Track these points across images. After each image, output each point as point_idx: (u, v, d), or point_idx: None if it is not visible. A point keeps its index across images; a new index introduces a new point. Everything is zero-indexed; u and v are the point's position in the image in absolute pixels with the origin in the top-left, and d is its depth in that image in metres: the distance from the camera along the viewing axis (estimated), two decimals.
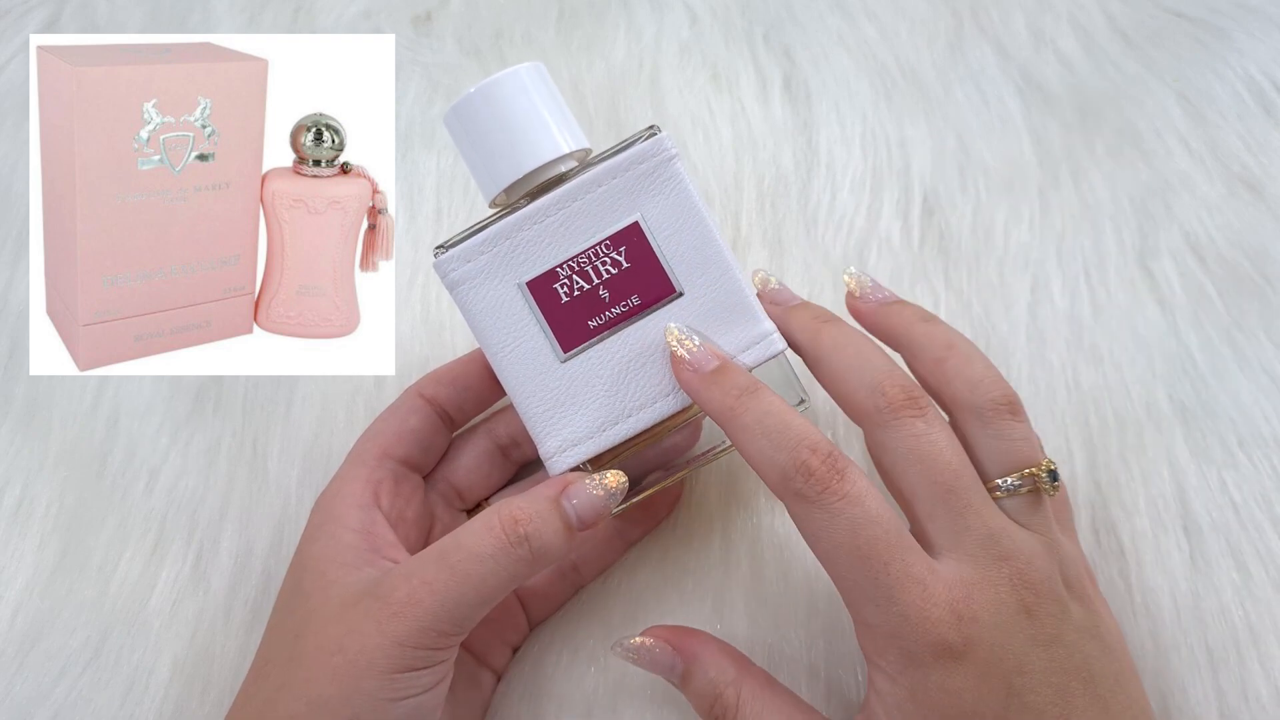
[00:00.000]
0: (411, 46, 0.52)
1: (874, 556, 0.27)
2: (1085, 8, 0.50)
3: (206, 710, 0.37)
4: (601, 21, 0.52)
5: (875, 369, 0.30)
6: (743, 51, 0.50)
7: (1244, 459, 0.38)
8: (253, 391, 0.43)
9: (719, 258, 0.31)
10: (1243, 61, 0.47)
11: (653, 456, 0.36)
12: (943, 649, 0.26)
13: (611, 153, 0.31)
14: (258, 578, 0.39)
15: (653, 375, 0.31)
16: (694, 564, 0.38)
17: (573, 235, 0.31)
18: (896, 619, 0.27)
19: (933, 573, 0.27)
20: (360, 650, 0.28)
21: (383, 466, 0.35)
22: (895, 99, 0.48)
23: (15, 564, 0.40)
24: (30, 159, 0.49)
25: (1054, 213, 0.44)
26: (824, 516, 0.27)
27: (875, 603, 0.27)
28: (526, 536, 0.29)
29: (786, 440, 0.28)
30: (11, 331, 0.45)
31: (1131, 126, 0.46)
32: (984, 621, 0.27)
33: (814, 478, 0.27)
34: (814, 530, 0.28)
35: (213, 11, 0.54)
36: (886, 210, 0.45)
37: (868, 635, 0.28)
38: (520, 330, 0.31)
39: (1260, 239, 0.42)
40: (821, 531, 0.28)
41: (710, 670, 0.32)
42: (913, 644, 0.27)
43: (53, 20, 0.54)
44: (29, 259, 0.47)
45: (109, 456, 0.42)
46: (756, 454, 0.29)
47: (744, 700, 0.31)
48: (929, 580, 0.27)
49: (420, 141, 0.49)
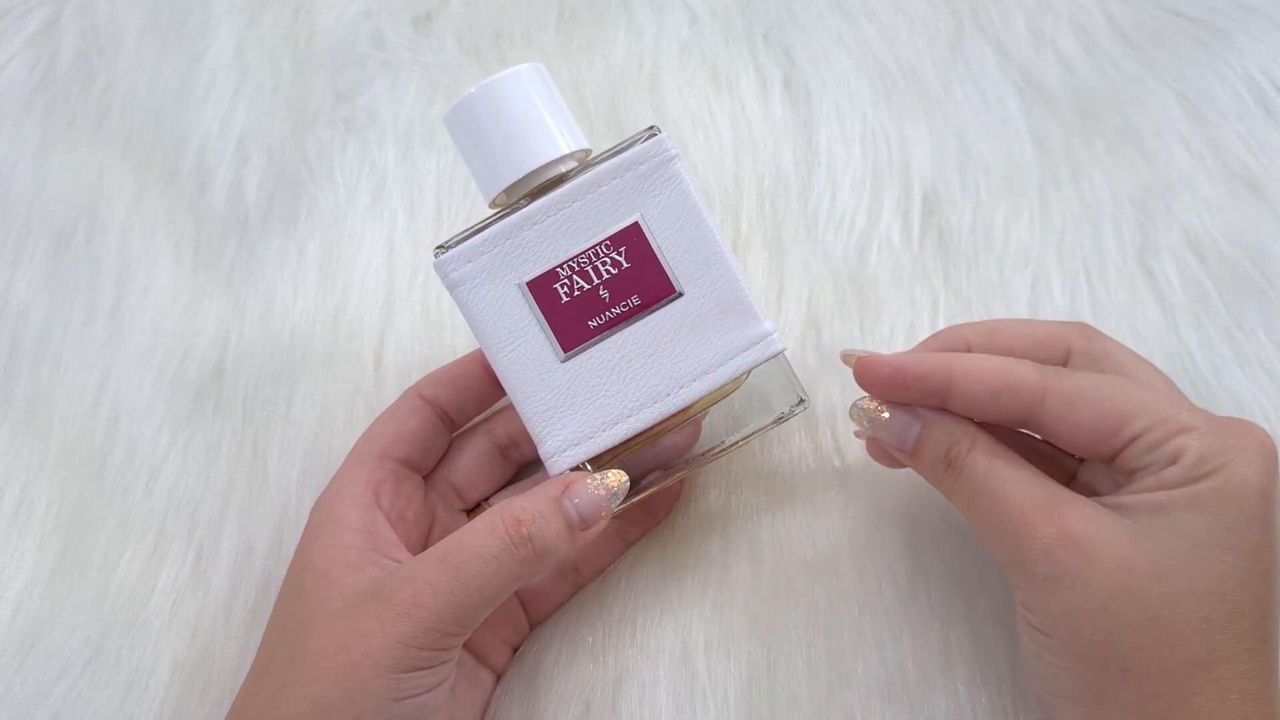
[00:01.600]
0: (411, 46, 0.52)
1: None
2: (1085, 8, 0.50)
3: (206, 710, 0.37)
4: (601, 21, 0.52)
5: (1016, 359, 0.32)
6: (743, 51, 0.50)
7: None
8: (253, 391, 0.43)
9: (719, 258, 0.31)
10: (1243, 61, 0.47)
11: (652, 456, 0.36)
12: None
13: (612, 153, 0.31)
14: (258, 578, 0.39)
15: (653, 375, 0.31)
16: (694, 563, 0.38)
17: (573, 235, 0.31)
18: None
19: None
20: (364, 651, 0.28)
21: (383, 467, 0.35)
22: (895, 99, 0.48)
23: (15, 564, 0.40)
24: (31, 159, 0.49)
25: (1054, 212, 0.44)
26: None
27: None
28: (529, 537, 0.29)
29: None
30: (11, 331, 0.45)
31: (1131, 126, 0.46)
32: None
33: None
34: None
35: (213, 11, 0.54)
36: (886, 210, 0.45)
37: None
38: (520, 330, 0.31)
39: (1260, 238, 0.42)
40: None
41: (949, 423, 0.32)
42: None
43: (53, 20, 0.54)
44: (29, 258, 0.47)
45: (109, 456, 0.42)
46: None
47: (979, 445, 0.31)
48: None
49: (420, 141, 0.49)
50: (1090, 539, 0.28)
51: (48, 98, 0.52)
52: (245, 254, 0.47)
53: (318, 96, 0.51)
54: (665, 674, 0.36)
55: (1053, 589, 0.28)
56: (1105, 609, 0.27)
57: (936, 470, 0.32)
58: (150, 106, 0.51)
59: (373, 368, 0.43)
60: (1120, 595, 0.27)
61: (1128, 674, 0.27)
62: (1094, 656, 0.28)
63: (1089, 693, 0.28)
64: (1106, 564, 0.27)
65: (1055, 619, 0.28)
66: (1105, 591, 0.27)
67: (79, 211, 0.48)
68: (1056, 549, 0.28)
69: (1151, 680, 0.27)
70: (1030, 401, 0.30)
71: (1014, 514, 0.29)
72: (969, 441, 0.31)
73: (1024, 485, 0.30)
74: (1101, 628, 0.27)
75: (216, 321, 0.45)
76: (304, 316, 0.45)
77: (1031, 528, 0.28)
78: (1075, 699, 0.29)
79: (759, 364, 0.32)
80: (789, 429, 0.40)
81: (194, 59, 0.52)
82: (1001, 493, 0.30)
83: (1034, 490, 0.29)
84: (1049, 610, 0.28)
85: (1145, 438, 0.29)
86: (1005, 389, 0.31)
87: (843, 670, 0.35)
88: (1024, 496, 0.29)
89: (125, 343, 0.45)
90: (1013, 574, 0.30)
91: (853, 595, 0.36)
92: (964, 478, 0.31)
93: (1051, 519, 0.28)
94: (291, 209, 0.48)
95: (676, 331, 0.31)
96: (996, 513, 0.30)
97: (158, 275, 0.46)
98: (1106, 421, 0.29)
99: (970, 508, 0.31)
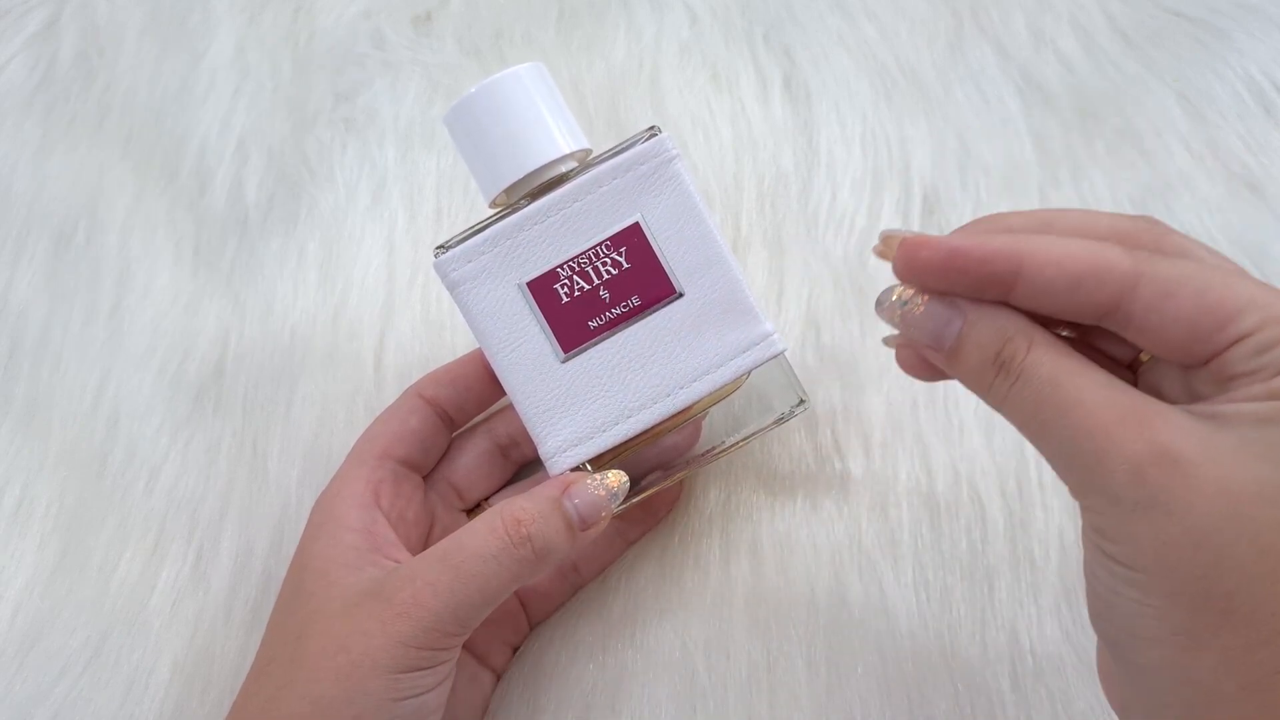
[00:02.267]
0: (411, 46, 0.52)
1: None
2: (1085, 8, 0.50)
3: (206, 710, 0.37)
4: (601, 21, 0.52)
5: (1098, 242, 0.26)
6: (743, 51, 0.50)
7: None
8: (253, 391, 0.43)
9: (720, 259, 0.31)
10: (1243, 61, 0.47)
11: (652, 456, 0.36)
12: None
13: (612, 153, 0.31)
14: (258, 578, 0.39)
15: (653, 375, 0.31)
16: (694, 563, 0.38)
17: (573, 235, 0.31)
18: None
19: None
20: (364, 650, 0.28)
21: (383, 467, 0.35)
22: (895, 99, 0.48)
23: (15, 564, 0.40)
24: (31, 159, 0.49)
25: None
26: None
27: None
28: (529, 537, 0.29)
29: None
30: (11, 331, 0.45)
31: (1131, 126, 0.46)
32: None
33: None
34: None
35: (213, 11, 0.54)
36: (887, 210, 0.45)
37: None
38: (520, 330, 0.31)
39: (1260, 238, 0.42)
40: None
41: (1000, 316, 0.26)
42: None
43: (53, 20, 0.54)
44: (29, 258, 0.47)
45: (109, 456, 0.42)
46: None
47: (1038, 343, 0.26)
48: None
49: (420, 141, 0.49)
50: (1189, 456, 0.23)
51: (48, 98, 0.52)
52: (245, 254, 0.47)
53: (318, 96, 0.51)
54: (665, 674, 0.36)
55: (1143, 515, 0.23)
56: (1208, 539, 0.23)
57: (985, 376, 0.26)
58: (150, 106, 0.51)
59: (373, 368, 0.43)
60: (1226, 522, 0.23)
61: (1231, 615, 0.23)
62: (1191, 594, 0.23)
63: (1182, 635, 0.24)
64: (1209, 486, 0.23)
65: (1145, 550, 0.23)
66: (1208, 518, 0.23)
67: (79, 211, 0.48)
68: (1149, 467, 0.23)
69: (1261, 624, 0.23)
70: (1119, 290, 0.25)
71: (1093, 425, 0.24)
72: (1026, 339, 0.26)
73: (1103, 390, 0.24)
74: (1202, 561, 0.23)
75: (216, 321, 0.45)
76: (304, 316, 0.45)
77: (1117, 442, 0.23)
78: (1162, 641, 0.24)
79: (759, 364, 0.32)
80: (789, 429, 0.40)
81: (194, 59, 0.52)
82: (1074, 400, 0.24)
83: (1116, 396, 0.24)
84: (1138, 540, 0.23)
85: (1255, 337, 0.24)
86: (1091, 274, 0.25)
87: (842, 670, 0.35)
88: (1105, 404, 0.24)
89: (125, 343, 0.45)
90: (1090, 497, 0.25)
91: (852, 595, 0.36)
92: (1024, 384, 0.25)
93: (1142, 431, 0.23)
94: (291, 209, 0.48)
95: (677, 332, 0.31)
96: (1069, 424, 0.24)
97: (158, 275, 0.46)
98: (1212, 315, 0.24)
99: (1033, 420, 0.26)
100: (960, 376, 0.27)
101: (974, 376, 0.27)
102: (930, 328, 0.27)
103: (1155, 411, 0.24)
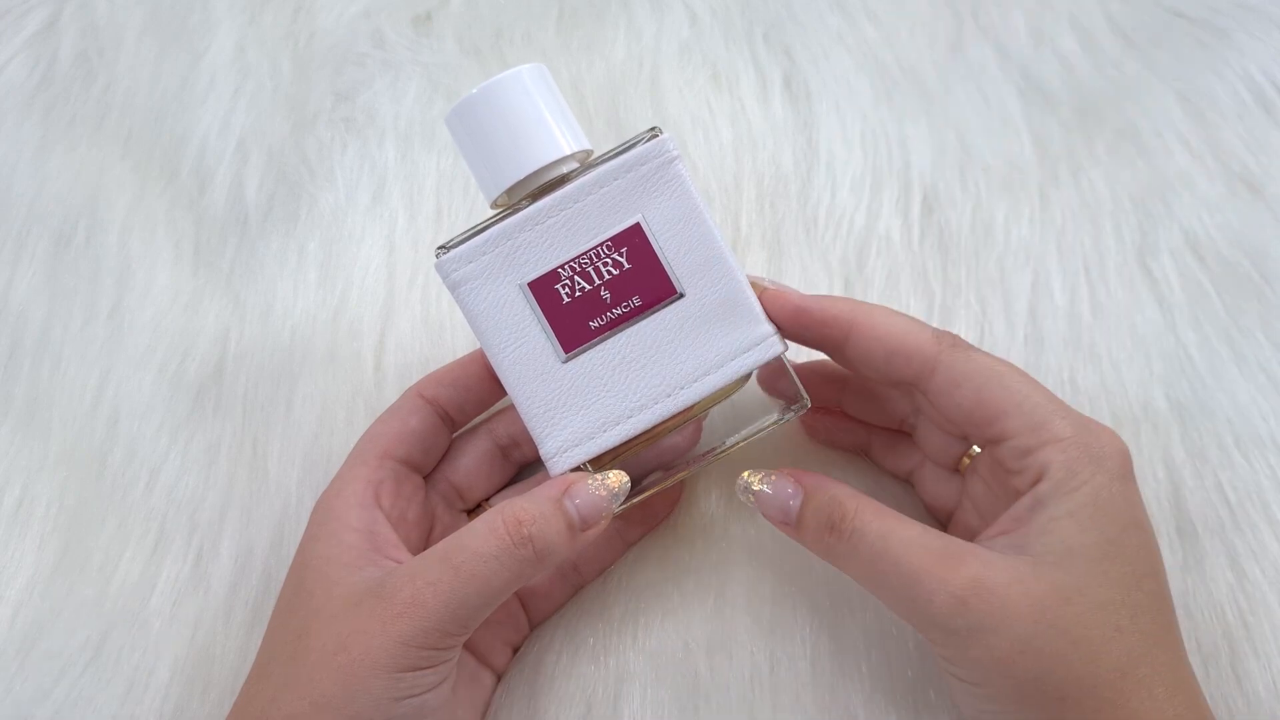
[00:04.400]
0: (411, 46, 0.52)
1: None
2: (1085, 8, 0.50)
3: (207, 710, 0.37)
4: (601, 21, 0.52)
5: (917, 320, 0.32)
6: (743, 51, 0.50)
7: (1240, 459, 0.38)
8: (253, 391, 0.43)
9: (720, 259, 0.31)
10: (1243, 61, 0.47)
11: (653, 457, 0.36)
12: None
13: (613, 154, 0.31)
14: (258, 578, 0.39)
15: (654, 376, 0.31)
16: (694, 564, 0.38)
17: (574, 236, 0.31)
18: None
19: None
20: (365, 650, 0.28)
21: (383, 467, 0.35)
22: (895, 98, 0.48)
23: (15, 564, 0.40)
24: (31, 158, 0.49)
25: (1054, 211, 0.44)
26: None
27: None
28: (530, 537, 0.29)
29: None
30: (11, 331, 0.45)
31: (1131, 126, 0.46)
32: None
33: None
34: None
35: (213, 11, 0.54)
36: (886, 209, 0.45)
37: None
38: (521, 331, 0.31)
39: (1260, 239, 0.43)
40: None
41: (832, 489, 0.31)
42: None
43: (53, 20, 0.54)
44: (29, 258, 0.47)
45: (109, 456, 0.42)
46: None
47: (862, 507, 0.30)
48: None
49: (420, 141, 0.49)
50: (998, 581, 0.28)
51: (48, 98, 0.52)
52: (245, 254, 0.47)
53: (318, 96, 0.51)
54: (667, 674, 0.36)
55: (975, 638, 0.28)
56: (1030, 645, 0.27)
57: (822, 538, 0.31)
58: (150, 106, 0.51)
59: (373, 368, 0.43)
60: (1040, 627, 0.27)
61: (1066, 700, 0.27)
62: (1030, 692, 0.28)
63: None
64: (1019, 601, 0.28)
65: (983, 667, 0.28)
66: (1026, 627, 0.27)
67: (79, 211, 0.48)
68: (970, 598, 0.28)
69: (1089, 698, 0.27)
70: (922, 370, 0.31)
71: (919, 571, 0.28)
72: (854, 504, 0.30)
73: (921, 540, 0.29)
74: (1031, 663, 0.27)
75: (216, 321, 0.45)
76: (304, 316, 0.45)
77: (941, 581, 0.28)
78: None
79: (760, 365, 0.32)
80: (790, 430, 0.40)
81: (194, 59, 0.52)
82: (900, 552, 0.29)
83: (932, 543, 0.29)
84: (976, 660, 0.28)
85: (1015, 441, 0.30)
86: (901, 352, 0.31)
87: (845, 670, 0.35)
88: (924, 551, 0.29)
89: (125, 342, 0.45)
90: (928, 631, 0.29)
91: (854, 594, 0.36)
92: (855, 542, 0.30)
93: (958, 569, 0.28)
94: (291, 209, 0.48)
95: (678, 332, 0.31)
96: (900, 573, 0.29)
97: (158, 275, 0.46)
98: (984, 411, 0.30)
99: (868, 573, 0.30)
100: (806, 543, 0.32)
101: (815, 540, 0.31)
102: (777, 504, 0.32)
103: (966, 550, 0.29)
